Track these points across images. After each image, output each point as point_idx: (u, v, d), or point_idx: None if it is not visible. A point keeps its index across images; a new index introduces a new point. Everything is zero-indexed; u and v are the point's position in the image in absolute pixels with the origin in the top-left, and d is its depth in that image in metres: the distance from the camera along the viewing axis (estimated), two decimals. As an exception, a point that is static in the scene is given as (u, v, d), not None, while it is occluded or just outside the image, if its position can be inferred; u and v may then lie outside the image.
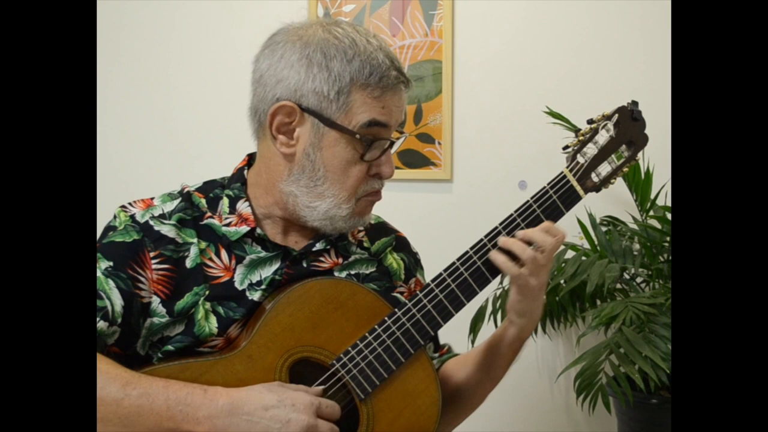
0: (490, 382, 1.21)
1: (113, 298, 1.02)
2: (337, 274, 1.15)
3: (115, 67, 2.50)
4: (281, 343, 1.05)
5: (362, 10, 2.29)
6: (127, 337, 1.05)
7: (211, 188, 1.16)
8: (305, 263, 1.14)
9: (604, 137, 1.16)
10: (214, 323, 1.07)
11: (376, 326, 1.08)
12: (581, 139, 1.16)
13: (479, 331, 1.95)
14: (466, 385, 1.21)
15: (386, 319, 1.09)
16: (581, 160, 1.15)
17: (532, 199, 1.13)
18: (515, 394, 2.23)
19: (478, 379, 1.21)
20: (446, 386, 1.21)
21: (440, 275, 1.11)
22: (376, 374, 1.08)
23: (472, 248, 1.11)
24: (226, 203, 1.13)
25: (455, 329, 1.41)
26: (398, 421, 1.09)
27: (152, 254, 1.07)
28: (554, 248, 1.09)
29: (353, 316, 1.09)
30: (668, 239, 1.89)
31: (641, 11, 2.12)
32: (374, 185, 1.12)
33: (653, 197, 2.00)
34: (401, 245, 1.27)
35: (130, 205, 1.11)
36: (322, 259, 1.15)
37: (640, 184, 1.97)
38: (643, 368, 1.64)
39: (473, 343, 1.94)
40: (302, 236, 1.15)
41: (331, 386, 1.07)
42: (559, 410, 2.24)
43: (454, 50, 2.24)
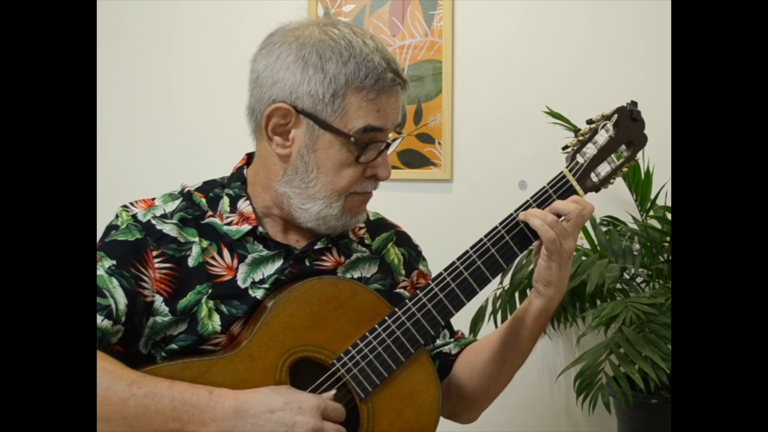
0: (518, 357, 1.19)
1: (117, 296, 1.03)
2: (340, 274, 1.16)
3: (115, 67, 2.50)
4: (282, 342, 1.05)
5: (362, 10, 2.29)
6: (130, 335, 1.05)
7: (210, 188, 1.16)
8: (308, 262, 1.14)
9: (603, 137, 1.16)
10: (217, 321, 1.07)
11: (376, 325, 1.09)
12: (581, 139, 1.16)
13: (479, 331, 1.95)
14: (492, 363, 1.19)
15: (386, 318, 1.09)
16: (581, 160, 1.16)
17: (532, 199, 1.13)
18: (515, 394, 2.22)
19: (504, 356, 1.19)
20: (473, 368, 1.21)
21: (441, 275, 1.11)
22: (376, 374, 1.08)
23: (472, 248, 1.12)
24: (226, 202, 1.14)
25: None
26: (398, 420, 1.09)
27: (155, 253, 1.07)
28: (580, 216, 1.09)
29: (354, 315, 1.09)
30: (668, 239, 1.89)
31: (641, 11, 2.12)
32: (367, 187, 1.12)
33: (653, 197, 2.00)
34: (402, 240, 1.28)
35: (131, 204, 1.11)
36: (324, 258, 1.15)
37: (640, 184, 1.96)
38: (643, 368, 1.64)
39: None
40: (302, 235, 1.15)
41: (331, 386, 1.07)
42: (559, 410, 2.24)
43: (454, 50, 2.24)
